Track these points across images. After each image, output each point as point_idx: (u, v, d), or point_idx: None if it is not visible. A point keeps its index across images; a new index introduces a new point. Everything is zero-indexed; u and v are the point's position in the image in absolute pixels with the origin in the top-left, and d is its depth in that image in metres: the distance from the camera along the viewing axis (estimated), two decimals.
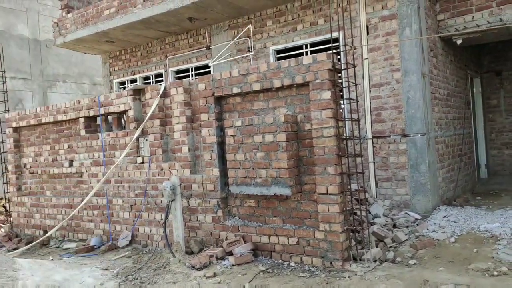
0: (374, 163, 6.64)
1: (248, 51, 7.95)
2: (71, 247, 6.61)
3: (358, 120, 4.80)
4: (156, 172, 6.02)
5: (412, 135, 6.34)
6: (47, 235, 6.72)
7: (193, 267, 4.74)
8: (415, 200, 6.34)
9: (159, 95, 5.93)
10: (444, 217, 5.99)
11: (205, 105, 5.47)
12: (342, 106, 4.85)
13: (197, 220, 5.62)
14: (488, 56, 10.19)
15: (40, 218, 7.60)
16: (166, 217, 5.45)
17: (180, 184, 5.53)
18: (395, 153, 6.48)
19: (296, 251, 4.79)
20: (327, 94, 4.52)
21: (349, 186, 4.79)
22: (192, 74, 8.98)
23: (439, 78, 7.18)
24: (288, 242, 4.86)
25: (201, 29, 8.62)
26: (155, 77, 9.57)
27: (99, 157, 6.68)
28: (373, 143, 6.64)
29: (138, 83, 9.73)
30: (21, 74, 18.77)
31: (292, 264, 4.73)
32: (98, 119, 6.74)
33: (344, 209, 4.59)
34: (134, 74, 9.85)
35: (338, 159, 4.55)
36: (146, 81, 9.75)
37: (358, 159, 6.62)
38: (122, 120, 6.72)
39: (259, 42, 7.85)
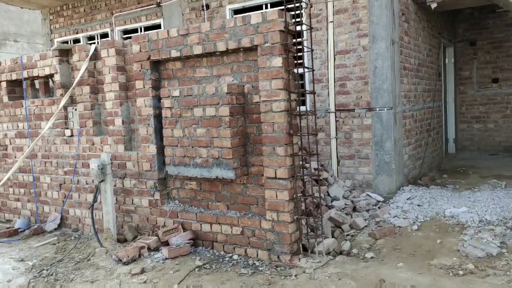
0: (336, 139, 6.05)
1: (203, 10, 7.05)
2: None
3: (314, 92, 4.11)
4: (86, 147, 5.22)
5: (378, 109, 5.74)
6: None
7: (120, 260, 4.08)
8: (378, 180, 5.82)
9: (89, 57, 5.06)
10: (408, 199, 5.51)
11: (140, 70, 4.65)
12: (297, 75, 4.14)
13: (132, 203, 4.92)
14: (463, 24, 9.62)
15: None
16: (94, 200, 4.71)
17: (112, 162, 4.77)
18: (359, 128, 5.89)
19: (240, 242, 4.19)
20: (277, 61, 3.80)
21: (302, 168, 4.16)
22: None
23: (410, 46, 6.54)
24: (231, 232, 4.24)
25: None
26: (101, 37, 8.54)
27: (23, 128, 5.79)
28: (336, 117, 6.02)
29: (82, 43, 8.68)
30: None
31: (235, 257, 4.12)
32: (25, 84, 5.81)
33: (294, 195, 3.97)
34: (77, 33, 8.78)
35: (289, 138, 3.89)
36: (91, 42, 8.71)
37: (318, 135, 6.01)
38: (51, 86, 5.81)
39: (214, 0, 6.95)
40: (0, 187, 6.09)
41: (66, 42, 9.01)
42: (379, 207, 5.35)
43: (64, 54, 5.35)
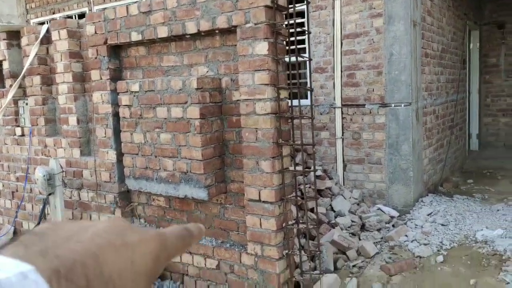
0: (342, 139, 5.08)
1: None
2: None
3: (311, 89, 3.14)
4: (39, 149, 4.33)
5: (393, 105, 4.76)
6: None
7: None
8: (392, 190, 4.87)
9: (39, 40, 4.13)
10: (429, 215, 4.56)
11: (96, 57, 3.71)
12: (296, 65, 3.14)
13: (90, 220, 4.03)
14: (490, 4, 8.47)
15: None
16: (40, 217, 3.84)
17: (63, 171, 3.88)
18: (370, 127, 4.91)
19: (215, 279, 3.30)
20: (262, 47, 2.83)
21: (295, 177, 3.23)
22: None
23: (433, 29, 5.49)
24: (205, 265, 3.34)
25: None
26: (79, 18, 7.58)
27: None
28: (342, 113, 5.05)
29: None
30: None
31: None
32: None
33: (284, 224, 3.04)
34: (53, 13, 7.85)
35: (277, 149, 2.94)
36: None
37: (324, 133, 5.08)
38: None
39: None
40: None
41: (43, 23, 8.07)
42: (393, 225, 4.41)
43: (14, 37, 4.44)
